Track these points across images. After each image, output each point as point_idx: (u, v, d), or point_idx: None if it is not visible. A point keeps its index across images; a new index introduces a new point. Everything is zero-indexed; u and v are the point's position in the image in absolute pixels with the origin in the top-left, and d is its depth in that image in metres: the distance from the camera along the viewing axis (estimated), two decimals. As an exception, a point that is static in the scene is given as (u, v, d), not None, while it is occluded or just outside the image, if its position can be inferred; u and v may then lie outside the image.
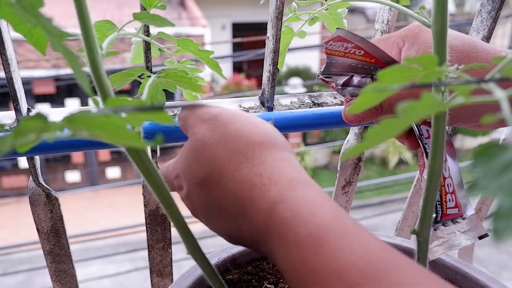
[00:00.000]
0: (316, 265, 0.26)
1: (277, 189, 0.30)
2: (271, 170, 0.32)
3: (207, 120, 0.36)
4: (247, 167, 0.32)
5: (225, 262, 0.53)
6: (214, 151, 0.34)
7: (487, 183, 0.17)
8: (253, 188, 0.31)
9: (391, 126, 0.22)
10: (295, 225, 0.28)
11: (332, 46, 0.46)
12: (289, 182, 0.31)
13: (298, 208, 0.29)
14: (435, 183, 0.35)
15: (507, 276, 4.20)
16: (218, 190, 0.33)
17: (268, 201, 0.30)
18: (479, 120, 0.44)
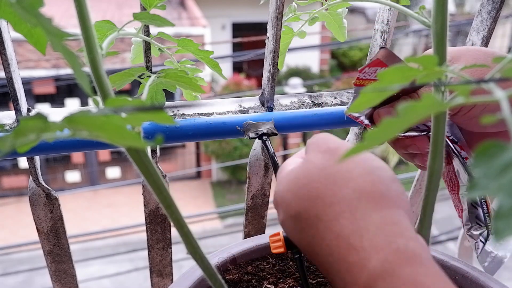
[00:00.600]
0: None
1: (379, 259, 0.26)
2: (375, 232, 0.27)
3: (324, 151, 0.33)
4: (347, 219, 0.29)
5: (225, 262, 0.53)
6: (318, 190, 0.31)
7: (487, 183, 0.17)
8: (351, 249, 0.27)
9: (391, 126, 0.22)
10: None
11: (364, 75, 0.43)
12: (394, 252, 0.26)
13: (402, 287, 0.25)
14: (435, 183, 0.35)
15: (507, 276, 4.19)
16: (312, 233, 0.30)
17: (367, 272, 0.26)
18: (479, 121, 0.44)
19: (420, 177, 0.72)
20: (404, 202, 0.31)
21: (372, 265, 0.26)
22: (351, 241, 0.28)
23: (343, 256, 0.28)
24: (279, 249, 0.43)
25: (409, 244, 0.27)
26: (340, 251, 0.28)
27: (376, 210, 0.29)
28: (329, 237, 0.29)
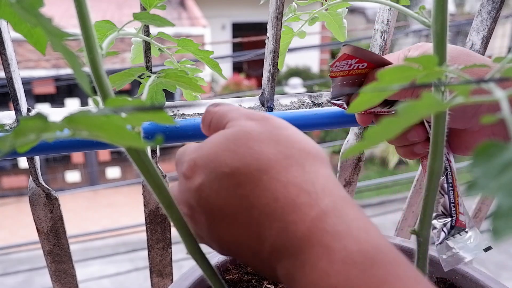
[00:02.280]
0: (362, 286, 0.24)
1: (330, 201, 0.28)
2: (324, 182, 0.30)
3: (257, 119, 0.33)
4: (297, 171, 0.30)
5: (225, 262, 0.53)
6: (261, 147, 0.31)
7: (486, 183, 0.17)
8: (302, 193, 0.28)
9: (390, 125, 0.22)
10: (346, 239, 0.26)
11: (337, 68, 0.46)
12: (341, 198, 0.29)
13: (351, 224, 0.27)
14: (435, 183, 0.35)
15: (507, 276, 4.20)
16: (251, 186, 0.29)
17: (318, 209, 0.28)
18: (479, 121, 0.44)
19: (420, 177, 0.72)
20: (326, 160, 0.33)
21: (325, 203, 0.28)
22: (303, 186, 0.29)
23: (292, 199, 0.28)
24: None
25: (347, 194, 0.30)
26: (288, 196, 0.28)
27: (322, 167, 0.31)
28: (275, 186, 0.29)
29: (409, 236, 0.77)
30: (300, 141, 0.32)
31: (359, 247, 0.25)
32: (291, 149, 0.31)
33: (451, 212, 0.46)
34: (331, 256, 0.26)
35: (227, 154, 0.31)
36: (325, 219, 0.27)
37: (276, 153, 0.30)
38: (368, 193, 6.11)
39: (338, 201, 0.28)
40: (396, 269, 0.25)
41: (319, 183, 0.29)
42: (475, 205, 0.81)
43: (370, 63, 0.46)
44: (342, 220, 0.27)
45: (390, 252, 0.26)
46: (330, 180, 0.30)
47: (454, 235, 0.46)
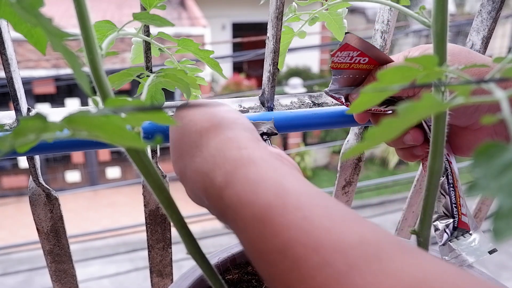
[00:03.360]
0: (261, 246, 0.26)
1: (221, 174, 0.31)
2: (214, 155, 0.32)
3: (174, 117, 0.38)
4: (198, 156, 0.33)
5: (225, 262, 0.53)
6: (177, 148, 0.36)
7: (487, 184, 0.17)
8: (204, 176, 0.32)
9: (391, 126, 0.22)
10: (241, 209, 0.28)
11: (339, 58, 0.46)
12: (231, 164, 0.31)
13: (241, 190, 0.29)
14: (435, 183, 0.35)
15: (507, 276, 4.19)
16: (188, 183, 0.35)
17: (217, 188, 0.30)
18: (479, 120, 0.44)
19: (420, 177, 0.72)
20: (239, 123, 0.36)
21: (218, 180, 0.30)
22: (203, 170, 0.32)
23: (203, 184, 0.32)
24: None
25: (242, 153, 0.31)
26: (200, 181, 0.32)
27: (214, 138, 0.34)
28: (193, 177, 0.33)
29: (409, 236, 0.77)
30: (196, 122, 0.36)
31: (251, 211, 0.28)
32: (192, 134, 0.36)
33: (453, 213, 0.46)
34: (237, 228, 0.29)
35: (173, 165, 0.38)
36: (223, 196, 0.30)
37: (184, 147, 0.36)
38: (368, 193, 6.11)
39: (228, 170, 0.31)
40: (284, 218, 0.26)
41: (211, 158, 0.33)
42: (475, 205, 0.81)
43: (371, 58, 0.46)
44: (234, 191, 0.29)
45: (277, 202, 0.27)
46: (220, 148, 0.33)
47: (458, 237, 0.46)
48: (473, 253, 0.45)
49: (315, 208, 0.26)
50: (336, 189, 0.71)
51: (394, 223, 0.81)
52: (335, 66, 0.47)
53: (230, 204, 0.29)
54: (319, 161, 7.02)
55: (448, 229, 0.46)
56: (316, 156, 6.87)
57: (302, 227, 0.25)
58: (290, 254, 0.24)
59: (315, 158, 6.84)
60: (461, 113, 0.44)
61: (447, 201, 0.46)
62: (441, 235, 0.46)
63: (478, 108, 0.44)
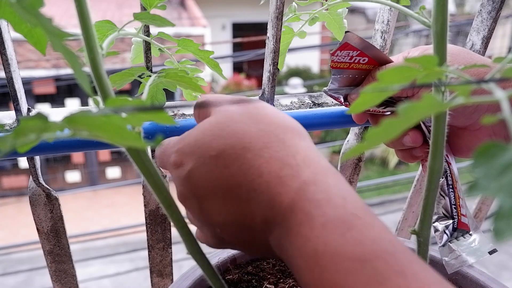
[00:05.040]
0: (340, 248, 0.25)
1: (311, 171, 0.30)
2: (305, 154, 0.31)
3: (237, 102, 0.35)
4: (278, 146, 0.31)
5: (225, 262, 0.53)
6: (243, 127, 0.32)
7: (487, 184, 0.17)
8: (284, 166, 0.30)
9: (391, 126, 0.22)
10: (326, 206, 0.27)
11: (338, 58, 0.46)
12: (322, 168, 0.31)
13: (330, 191, 0.28)
14: (435, 183, 0.35)
15: (507, 276, 4.19)
16: (238, 165, 0.31)
17: (300, 180, 0.29)
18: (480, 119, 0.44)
19: (420, 177, 0.72)
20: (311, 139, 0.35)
21: (306, 175, 0.30)
22: (284, 160, 0.30)
23: (276, 172, 0.30)
24: None
25: (328, 164, 0.32)
26: (271, 170, 0.30)
27: (301, 141, 0.33)
28: (259, 162, 0.31)
29: (409, 236, 0.77)
30: (278, 118, 0.34)
31: (336, 212, 0.27)
32: (271, 125, 0.33)
33: (453, 214, 0.46)
34: (311, 222, 0.27)
35: (212, 138, 0.32)
36: (306, 188, 0.29)
37: (257, 131, 0.32)
38: (368, 193, 6.11)
39: (318, 171, 0.30)
40: (370, 232, 0.26)
41: (300, 155, 0.31)
42: (476, 205, 0.81)
43: (371, 58, 0.46)
44: (322, 189, 0.29)
45: (366, 216, 0.27)
46: (310, 152, 0.32)
47: (458, 237, 0.46)
48: (474, 253, 0.45)
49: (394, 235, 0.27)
50: (336, 189, 0.71)
51: (394, 223, 0.81)
52: (335, 65, 0.47)
53: (314, 199, 0.28)
54: (319, 161, 7.00)
55: (448, 230, 0.46)
56: (316, 156, 6.86)
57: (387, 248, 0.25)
58: (371, 268, 0.24)
59: (315, 158, 6.82)
60: (460, 113, 0.44)
61: (446, 202, 0.46)
62: (441, 236, 0.46)
63: (477, 109, 0.44)
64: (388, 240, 0.26)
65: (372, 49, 0.45)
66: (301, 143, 0.32)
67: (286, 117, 0.34)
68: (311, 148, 0.33)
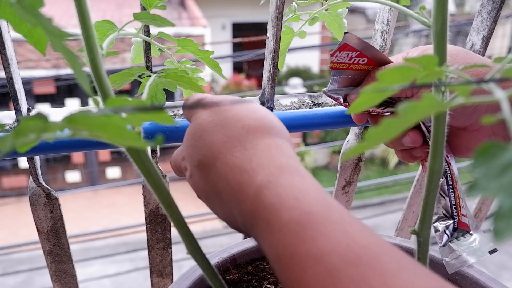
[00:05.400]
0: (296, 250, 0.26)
1: (264, 174, 0.30)
2: (261, 155, 0.32)
3: (210, 106, 0.37)
4: (239, 151, 0.33)
5: (225, 262, 0.53)
6: (211, 136, 0.34)
7: (487, 184, 0.17)
8: (243, 172, 0.31)
9: (391, 126, 0.22)
10: (279, 211, 0.28)
11: (338, 58, 0.46)
12: (277, 168, 0.31)
13: (283, 193, 0.29)
14: (435, 183, 0.35)
15: (507, 276, 4.19)
16: (213, 174, 0.33)
17: (255, 185, 0.30)
18: (479, 119, 0.44)
19: (420, 177, 0.72)
20: (285, 133, 0.36)
21: (259, 179, 0.30)
22: (243, 166, 0.32)
23: (238, 180, 0.31)
24: None
25: (290, 162, 0.32)
26: (234, 177, 0.32)
27: (262, 139, 0.33)
28: (225, 170, 0.32)
29: (409, 236, 0.77)
30: (242, 118, 0.35)
31: (290, 215, 0.28)
32: (234, 128, 0.34)
33: (453, 214, 0.46)
34: (270, 228, 0.28)
35: (192, 150, 0.36)
36: (261, 194, 0.30)
37: (223, 138, 0.34)
38: (368, 193, 6.11)
39: (272, 171, 0.31)
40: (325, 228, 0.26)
41: (257, 157, 0.32)
42: (476, 205, 0.81)
43: (370, 59, 0.46)
44: (274, 192, 0.29)
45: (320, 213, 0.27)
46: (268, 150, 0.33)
47: (458, 237, 0.46)
48: (474, 253, 0.45)
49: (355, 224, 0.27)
50: (336, 189, 0.71)
51: (394, 223, 0.81)
52: (334, 66, 0.47)
53: (268, 204, 0.29)
54: (319, 161, 7.02)
55: (448, 230, 0.46)
56: (316, 156, 6.87)
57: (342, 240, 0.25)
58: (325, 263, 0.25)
59: (315, 158, 6.84)
60: (459, 113, 0.44)
61: (446, 203, 0.46)
62: (441, 236, 0.46)
63: (476, 109, 0.44)
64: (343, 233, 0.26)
65: (371, 50, 0.45)
66: (261, 142, 0.33)
67: (252, 115, 0.35)
68: (271, 145, 0.33)
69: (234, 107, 0.36)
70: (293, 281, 0.26)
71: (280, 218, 0.28)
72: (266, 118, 0.35)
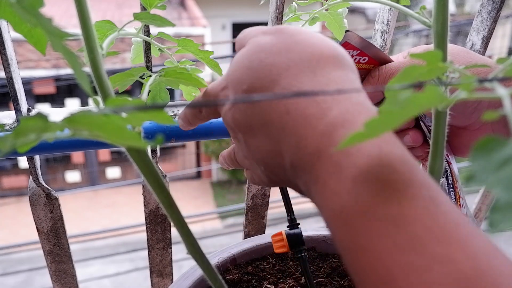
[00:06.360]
0: (371, 207, 0.22)
1: (339, 110, 0.26)
2: (336, 87, 0.28)
3: (272, 32, 0.32)
4: (307, 77, 0.28)
5: (225, 262, 0.53)
6: (272, 58, 0.29)
7: (485, 177, 0.17)
8: (310, 102, 0.27)
9: (392, 116, 0.22)
10: (356, 156, 0.24)
11: None
12: (354, 105, 0.26)
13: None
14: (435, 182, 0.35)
15: (507, 276, 4.19)
16: (265, 101, 0.29)
17: (327, 120, 0.26)
18: (479, 118, 0.44)
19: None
20: (355, 68, 0.31)
21: (333, 114, 0.26)
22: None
23: (302, 110, 0.27)
24: (282, 248, 0.43)
25: (365, 101, 0.27)
26: (298, 107, 0.27)
27: (335, 70, 0.29)
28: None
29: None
30: (313, 44, 0.30)
31: (369, 164, 0.23)
32: (303, 53, 0.29)
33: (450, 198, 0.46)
34: (340, 174, 0.24)
35: (243, 71, 0.31)
36: (334, 132, 0.25)
37: (287, 61, 0.29)
38: (368, 193, 6.10)
39: (349, 109, 0.26)
40: (408, 189, 0.23)
41: (330, 88, 0.28)
42: (475, 205, 0.81)
43: (371, 58, 0.46)
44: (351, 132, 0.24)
45: (404, 171, 0.23)
46: (341, 84, 0.28)
47: None
48: None
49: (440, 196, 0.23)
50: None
51: (394, 223, 0.80)
52: None
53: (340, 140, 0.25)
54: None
55: None
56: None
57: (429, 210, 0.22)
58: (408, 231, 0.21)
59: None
60: (460, 113, 0.44)
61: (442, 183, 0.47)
62: None
63: (477, 108, 0.44)
64: (429, 197, 0.22)
65: (372, 49, 0.45)
66: (333, 72, 0.29)
67: (322, 42, 0.31)
68: (346, 78, 0.29)
69: (302, 33, 0.31)
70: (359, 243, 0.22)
71: (355, 164, 0.24)
72: (337, 49, 0.31)
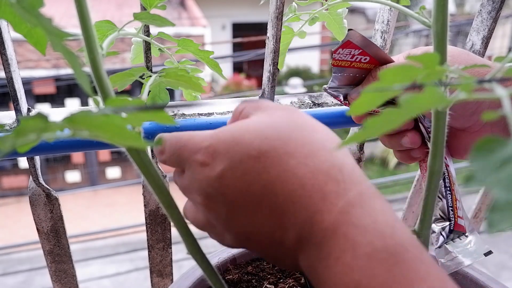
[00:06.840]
0: (386, 285, 0.23)
1: (357, 191, 0.28)
2: (352, 169, 0.29)
3: (284, 109, 0.32)
4: (324, 156, 0.29)
5: (225, 262, 0.53)
6: (288, 132, 0.30)
7: (484, 177, 0.17)
8: (329, 181, 0.28)
9: (391, 116, 0.22)
10: (372, 234, 0.25)
11: (340, 56, 0.46)
12: (368, 188, 0.28)
13: (377, 218, 0.26)
14: (435, 183, 0.35)
15: (507, 276, 4.19)
16: (278, 171, 0.28)
17: (345, 200, 0.27)
18: (479, 118, 0.44)
19: (420, 177, 0.72)
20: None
21: (352, 194, 0.27)
22: (330, 173, 0.28)
23: (320, 187, 0.27)
24: None
25: (373, 186, 0.29)
26: (316, 182, 0.28)
27: (348, 155, 0.31)
28: (302, 171, 0.28)
29: (409, 236, 0.76)
30: (323, 130, 0.32)
31: (384, 243, 0.25)
32: (317, 134, 0.30)
33: (449, 216, 0.46)
34: (356, 251, 0.25)
35: (254, 137, 0.29)
36: (352, 211, 0.26)
37: (302, 138, 0.29)
38: (368, 193, 6.10)
39: (364, 191, 0.28)
40: (419, 268, 0.24)
41: (347, 170, 0.29)
42: (475, 205, 0.81)
43: (372, 58, 0.46)
44: (368, 213, 0.26)
45: (414, 249, 0.25)
46: (356, 168, 0.29)
47: (454, 239, 0.46)
48: (469, 255, 0.45)
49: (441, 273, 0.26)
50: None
51: (394, 223, 0.80)
52: (336, 63, 0.46)
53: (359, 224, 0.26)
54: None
55: (444, 231, 0.46)
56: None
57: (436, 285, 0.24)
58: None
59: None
60: (459, 114, 0.44)
61: (443, 204, 0.47)
62: (437, 237, 0.46)
63: (476, 110, 0.44)
64: (438, 279, 0.24)
65: (373, 48, 0.45)
66: (346, 157, 0.30)
67: (328, 130, 0.32)
68: (354, 163, 0.30)
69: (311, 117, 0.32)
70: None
71: (371, 242, 0.25)
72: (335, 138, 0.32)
